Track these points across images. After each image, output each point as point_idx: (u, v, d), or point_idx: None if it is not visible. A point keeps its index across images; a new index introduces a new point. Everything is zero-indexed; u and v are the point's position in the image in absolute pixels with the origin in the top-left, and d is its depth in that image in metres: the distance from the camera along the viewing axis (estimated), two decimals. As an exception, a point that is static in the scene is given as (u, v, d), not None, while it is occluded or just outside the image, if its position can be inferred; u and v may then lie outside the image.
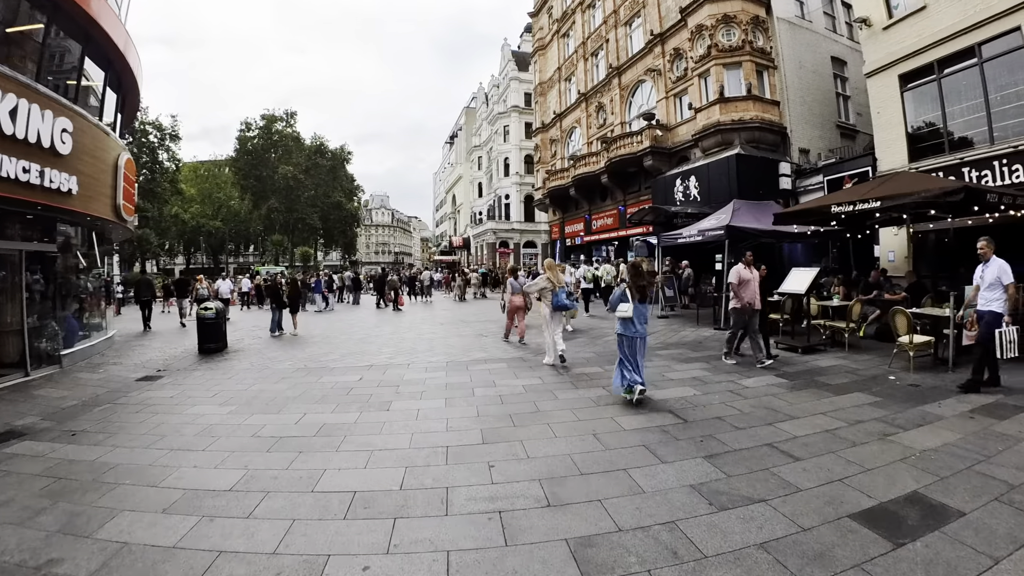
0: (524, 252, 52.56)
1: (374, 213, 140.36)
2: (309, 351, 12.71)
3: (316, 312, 24.57)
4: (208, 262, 75.88)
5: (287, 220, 60.55)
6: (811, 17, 22.71)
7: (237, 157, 59.91)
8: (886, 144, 16.19)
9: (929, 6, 14.91)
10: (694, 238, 14.84)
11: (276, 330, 16.07)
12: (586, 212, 32.71)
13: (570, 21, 34.73)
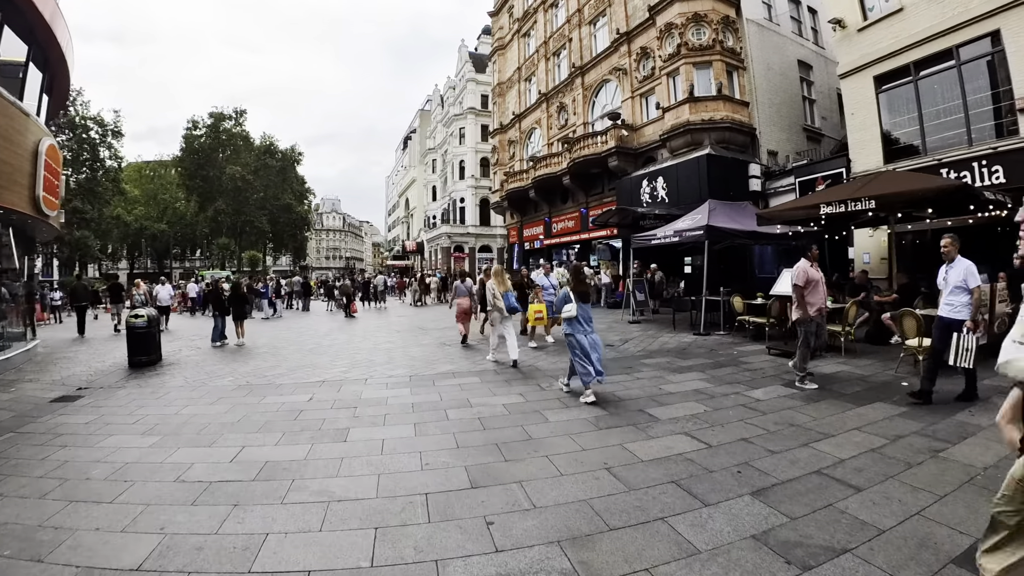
0: (480, 256, 51.30)
1: (325, 217, 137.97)
2: (253, 364, 11.13)
3: (264, 320, 22.85)
4: (153, 266, 72.27)
5: (235, 223, 57.91)
6: (779, 20, 22.42)
7: (183, 157, 56.97)
8: (860, 145, 15.87)
9: (906, 8, 14.65)
10: (669, 239, 13.95)
11: (218, 340, 14.37)
12: (546, 215, 31.72)
13: (531, 20, 33.79)
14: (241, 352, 13.09)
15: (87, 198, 45.97)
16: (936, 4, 13.94)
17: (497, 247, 51.47)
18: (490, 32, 56.35)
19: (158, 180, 66.42)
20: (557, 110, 30.42)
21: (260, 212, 58.27)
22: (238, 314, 14.90)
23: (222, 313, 14.74)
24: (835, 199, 10.78)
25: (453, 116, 52.86)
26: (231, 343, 14.35)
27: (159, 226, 63.46)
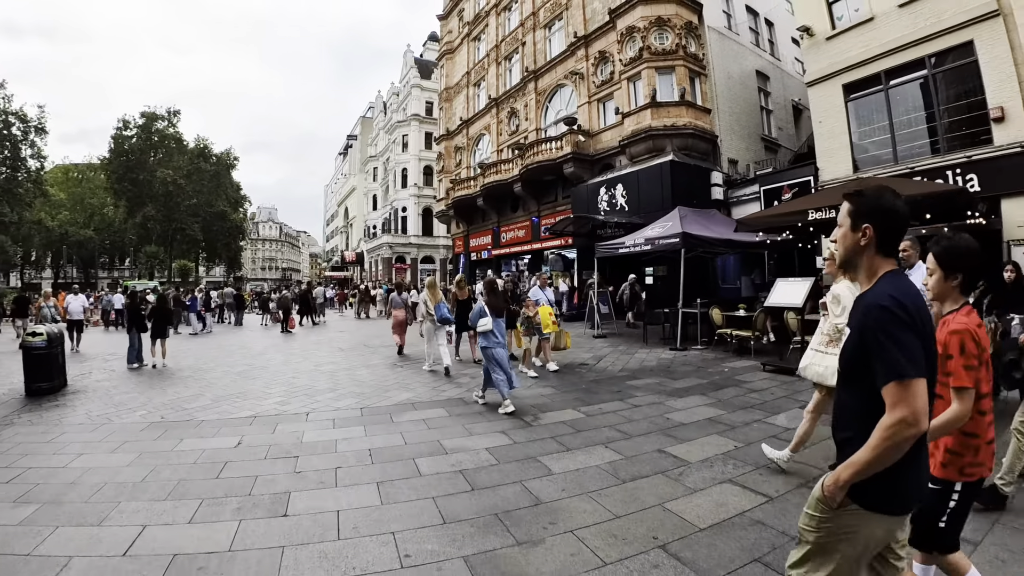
0: (422, 268, 49.72)
1: (261, 227, 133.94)
2: (173, 392, 9.24)
3: (191, 335, 20.42)
4: (79, 276, 66.42)
5: (165, 230, 53.77)
6: (738, 30, 22.18)
7: (112, 159, 52.52)
8: (828, 153, 15.45)
9: (877, 18, 14.36)
10: (640, 248, 12.87)
11: (135, 361, 12.38)
12: (495, 224, 30.42)
13: (483, 24, 32.61)
14: (160, 376, 11.11)
15: (6, 200, 42.29)
16: (908, 15, 13.69)
17: (440, 258, 50.14)
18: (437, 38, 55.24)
19: (86, 183, 61.45)
20: (508, 115, 29.26)
21: (192, 219, 54.27)
22: (157, 331, 12.71)
23: (139, 329, 12.63)
24: (825, 204, 10.10)
25: (396, 123, 51.30)
26: (150, 364, 12.28)
27: (85, 232, 58.31)
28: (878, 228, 1.86)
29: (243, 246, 76.72)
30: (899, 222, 1.89)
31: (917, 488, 1.82)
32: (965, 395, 2.18)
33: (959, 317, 2.31)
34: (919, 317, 1.72)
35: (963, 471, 2.30)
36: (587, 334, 15.33)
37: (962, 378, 2.18)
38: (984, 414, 2.31)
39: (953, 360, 2.21)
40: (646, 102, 18.66)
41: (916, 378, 1.64)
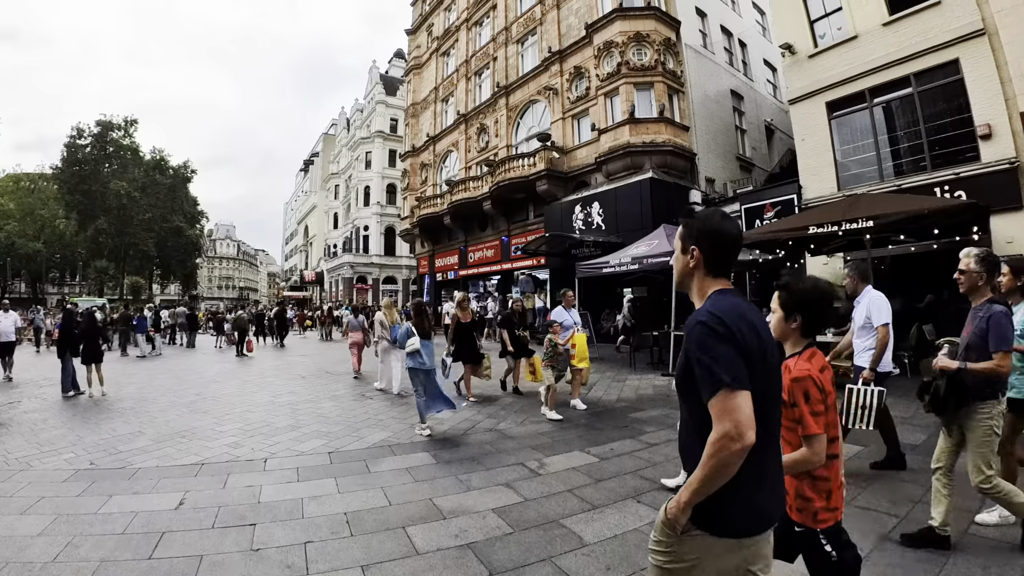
0: (384, 288, 48.59)
1: (219, 244, 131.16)
2: (109, 429, 7.94)
3: (139, 358, 18.88)
4: (28, 291, 63.33)
5: (117, 245, 51.23)
6: (713, 49, 22.15)
7: (64, 168, 50.06)
8: (812, 171, 15.28)
9: (861, 36, 14.33)
10: (626, 267, 12.26)
11: (71, 388, 11.05)
12: (462, 243, 29.61)
13: (453, 39, 32.12)
14: (97, 407, 9.77)
15: None
16: (892, 33, 13.66)
17: (403, 278, 49.20)
18: (403, 56, 55.01)
19: (37, 194, 58.27)
20: (477, 132, 28.64)
21: (147, 234, 51.98)
22: (89, 354, 11.34)
23: (72, 352, 11.26)
24: (828, 220, 9.87)
25: (360, 139, 50.43)
26: (88, 393, 10.91)
27: (34, 245, 55.00)
28: (705, 250, 1.89)
29: (199, 264, 74.62)
30: (725, 243, 1.90)
31: (766, 507, 1.78)
32: (816, 442, 2.14)
33: (800, 363, 2.27)
34: (740, 331, 1.71)
35: (816, 517, 2.24)
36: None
37: (811, 426, 2.14)
38: (835, 457, 2.27)
39: (798, 408, 2.17)
40: (624, 118, 18.26)
41: (738, 389, 1.61)
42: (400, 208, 41.75)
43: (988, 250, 3.70)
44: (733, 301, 1.81)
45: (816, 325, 2.38)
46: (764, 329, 1.82)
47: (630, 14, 18.89)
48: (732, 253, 1.92)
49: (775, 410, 1.82)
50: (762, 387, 1.70)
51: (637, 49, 18.69)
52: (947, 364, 3.60)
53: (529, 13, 25.22)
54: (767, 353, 1.79)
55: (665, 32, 19.11)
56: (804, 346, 2.34)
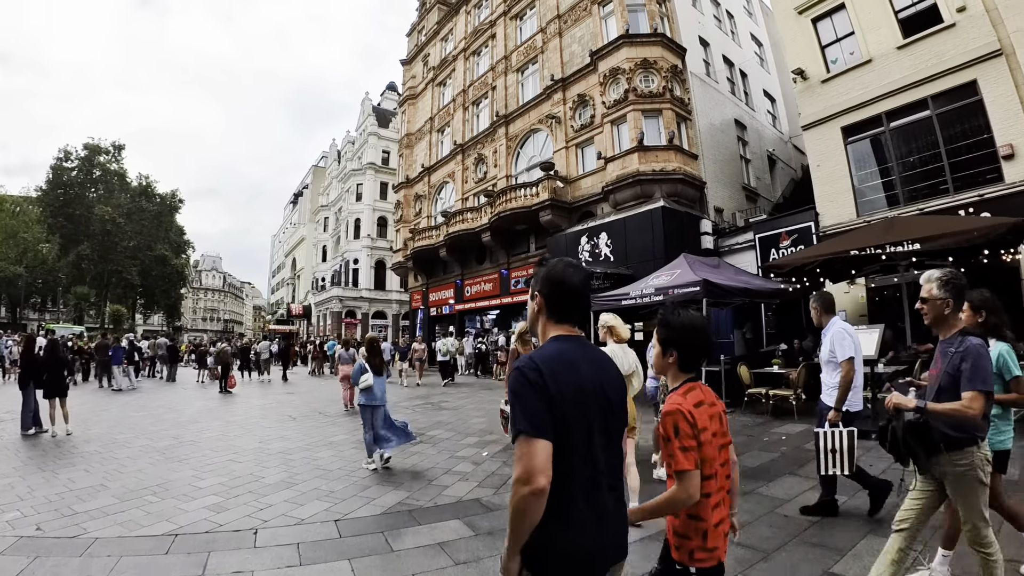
0: (374, 323, 47.96)
1: (204, 275, 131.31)
2: (67, 479, 7.01)
3: (114, 391, 18.21)
4: (7, 316, 62.48)
5: (100, 271, 50.93)
6: (716, 78, 22.25)
7: (48, 190, 50.03)
8: (829, 197, 15.22)
9: (875, 60, 14.43)
10: (648, 299, 11.74)
11: (31, 425, 10.25)
12: (458, 277, 29.23)
13: (449, 68, 32.41)
14: (58, 450, 8.91)
15: None
16: (908, 56, 13.77)
17: (393, 313, 48.77)
18: (396, 88, 55.62)
19: (21, 216, 57.93)
20: (475, 162, 28.62)
21: (131, 262, 51.71)
22: (52, 388, 10.42)
23: (35, 384, 10.42)
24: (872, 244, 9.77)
25: (351, 171, 50.45)
26: (51, 431, 10.09)
27: (14, 269, 54.36)
28: (547, 296, 2.00)
29: (184, 294, 73.99)
30: (566, 291, 1.99)
31: (592, 547, 1.82)
32: (685, 479, 2.13)
33: (674, 397, 2.29)
34: (555, 378, 1.77)
35: (693, 556, 2.22)
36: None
37: (680, 461, 2.14)
38: (709, 496, 2.21)
39: (670, 443, 2.17)
40: (633, 146, 18.20)
41: (534, 437, 1.69)
42: (392, 241, 41.50)
43: (953, 271, 3.20)
44: (562, 347, 1.91)
45: (693, 360, 2.37)
46: (600, 369, 1.95)
47: (636, 41, 19.00)
48: (573, 300, 2.00)
49: (613, 446, 1.92)
50: (590, 426, 1.82)
51: (644, 76, 18.76)
52: (901, 402, 3.11)
53: (530, 42, 25.51)
54: (599, 393, 1.88)
55: (672, 59, 19.25)
56: (683, 381, 2.33)
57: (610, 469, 1.91)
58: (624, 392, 2.07)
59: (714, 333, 9.31)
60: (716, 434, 2.25)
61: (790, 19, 16.45)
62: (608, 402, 1.92)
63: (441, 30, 34.41)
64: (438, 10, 35.52)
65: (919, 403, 3.01)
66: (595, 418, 1.84)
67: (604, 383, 1.93)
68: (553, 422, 1.72)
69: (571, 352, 1.90)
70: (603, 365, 2.01)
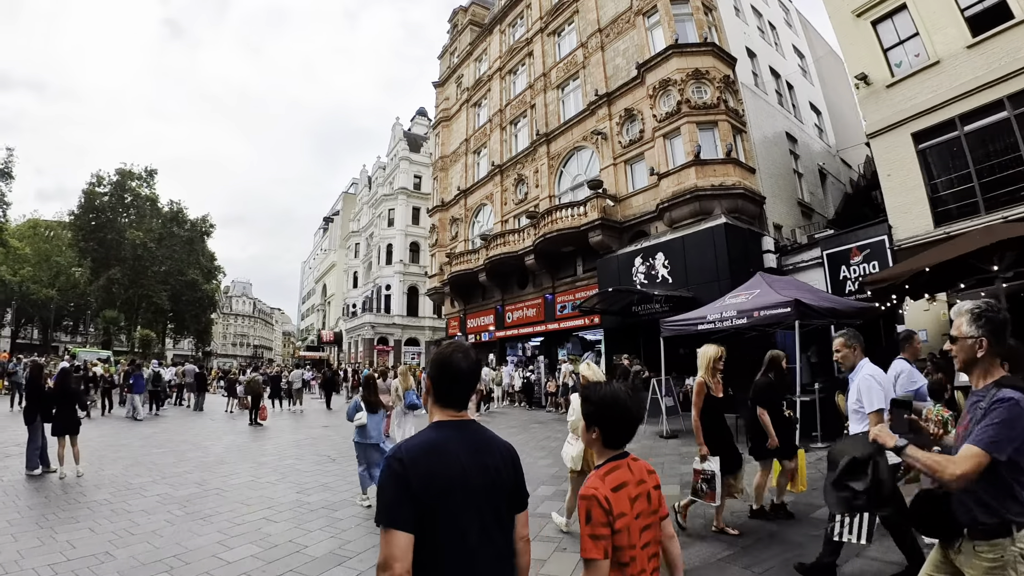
0: (406, 351, 47.79)
1: (234, 301, 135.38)
2: (64, 541, 6.02)
3: (135, 421, 17.81)
4: (39, 338, 64.75)
5: (130, 296, 52.36)
6: (765, 89, 21.87)
7: (80, 215, 51.56)
8: (902, 209, 14.75)
9: (943, 61, 14.06)
10: (730, 322, 11.15)
11: (37, 464, 9.45)
12: (498, 302, 29.02)
13: (484, 89, 32.79)
14: (66, 496, 8.01)
15: None
16: (979, 55, 13.42)
17: (426, 340, 48.78)
18: (426, 113, 56.37)
19: (55, 240, 60.02)
20: (514, 183, 28.59)
21: (161, 287, 53.27)
22: (61, 423, 9.58)
23: (43, 416, 9.58)
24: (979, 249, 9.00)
25: (383, 196, 50.92)
26: (59, 472, 9.23)
27: (47, 292, 55.97)
28: (434, 379, 2.10)
29: (214, 319, 75.28)
30: (449, 376, 2.06)
31: None
32: (593, 567, 2.07)
33: (593, 479, 2.20)
34: (418, 470, 1.86)
35: None
36: (649, 435, 13.35)
37: (587, 548, 2.08)
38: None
39: (582, 528, 2.13)
40: (689, 160, 17.90)
41: (390, 528, 1.80)
42: (427, 266, 41.62)
43: (991, 302, 2.56)
44: (435, 436, 1.99)
45: (616, 436, 2.29)
46: (481, 454, 2.00)
47: (687, 51, 18.87)
48: (457, 386, 2.08)
49: (498, 528, 2.00)
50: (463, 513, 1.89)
51: (696, 87, 18.59)
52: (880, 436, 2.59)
53: (570, 58, 25.65)
54: (479, 478, 1.95)
55: (723, 69, 19.12)
56: (607, 458, 2.27)
57: (495, 552, 1.98)
58: (515, 471, 2.13)
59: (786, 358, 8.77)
60: (641, 515, 2.20)
61: (848, 23, 16.17)
62: (491, 486, 1.99)
63: (474, 51, 34.87)
64: (470, 31, 35.96)
65: (898, 441, 2.49)
66: (470, 505, 1.92)
67: (487, 467, 2.00)
68: (417, 513, 1.82)
69: (445, 441, 1.98)
70: (486, 448, 2.07)
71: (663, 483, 6.67)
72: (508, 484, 2.06)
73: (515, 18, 31.14)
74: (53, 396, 9.82)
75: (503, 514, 2.03)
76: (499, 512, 2.01)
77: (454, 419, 2.05)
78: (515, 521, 2.10)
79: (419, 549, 1.82)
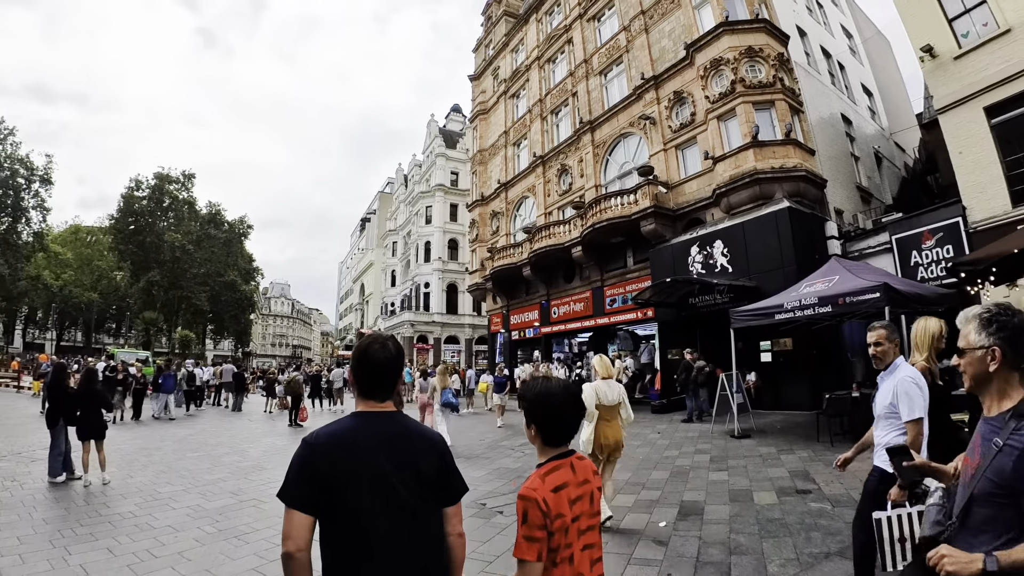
0: (446, 348, 47.91)
1: (273, 302, 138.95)
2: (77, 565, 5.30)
3: (169, 421, 17.90)
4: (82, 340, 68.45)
5: (170, 298, 53.97)
6: (818, 69, 21.35)
7: (119, 219, 53.17)
8: (977, 188, 14.19)
9: (1015, 29, 13.52)
10: (812, 311, 10.66)
11: (60, 471, 8.97)
12: (543, 297, 28.84)
13: (523, 79, 32.75)
14: (88, 506, 7.49)
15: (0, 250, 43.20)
16: None
17: (466, 337, 48.95)
18: (460, 111, 56.55)
19: (96, 245, 62.91)
20: (557, 174, 28.42)
21: (200, 288, 54.80)
22: (86, 427, 9.12)
23: (66, 419, 9.14)
24: None
25: (420, 194, 51.25)
26: (84, 480, 8.74)
27: (89, 295, 58.68)
28: (353, 372, 2.18)
29: (253, 320, 76.94)
30: (365, 367, 2.14)
31: None
32: (526, 567, 2.06)
33: (533, 479, 2.17)
34: (324, 454, 1.97)
35: None
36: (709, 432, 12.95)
37: (520, 549, 2.06)
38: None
39: (518, 528, 2.10)
40: (746, 141, 17.55)
41: (288, 507, 1.92)
42: (466, 263, 41.70)
43: (1007, 305, 2.08)
44: (349, 424, 2.09)
45: (554, 434, 2.26)
46: (395, 446, 2.06)
47: (738, 28, 18.54)
48: (374, 376, 2.14)
49: (400, 516, 2.00)
50: (371, 500, 1.96)
51: (751, 65, 18.26)
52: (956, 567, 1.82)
53: (612, 42, 25.41)
54: (375, 465, 1.99)
55: (777, 47, 18.73)
56: (548, 457, 2.25)
57: (409, 540, 2.01)
58: (440, 464, 2.15)
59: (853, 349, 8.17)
60: (582, 516, 2.19)
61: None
62: (404, 475, 2.03)
63: (510, 41, 34.87)
64: (505, 22, 35.98)
65: (988, 562, 1.75)
66: (378, 491, 1.98)
67: (402, 456, 2.05)
68: (319, 495, 1.91)
69: (356, 428, 2.07)
70: (404, 438, 2.12)
71: (752, 489, 6.34)
72: (429, 475, 2.09)
73: (552, 6, 31.00)
74: (76, 398, 9.35)
75: (421, 504, 2.06)
76: (416, 501, 2.04)
77: (373, 410, 2.12)
78: (445, 515, 2.16)
79: (328, 529, 1.96)
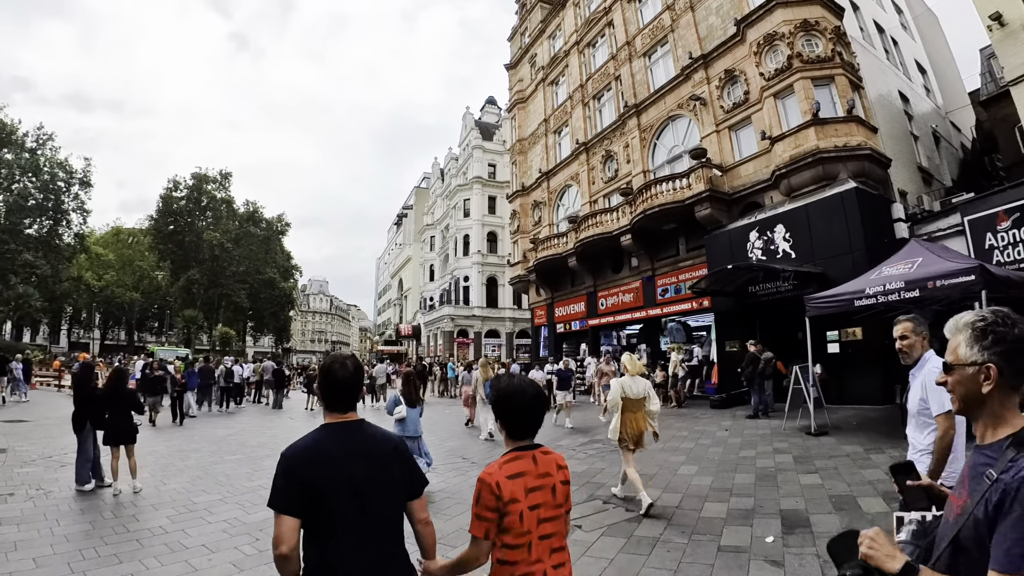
0: (486, 343, 47.76)
1: (312, 299, 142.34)
2: None
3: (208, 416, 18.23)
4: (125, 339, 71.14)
5: (209, 296, 55.46)
6: (873, 44, 20.54)
7: (158, 218, 54.82)
8: None
9: None
10: (898, 295, 9.95)
11: (88, 478, 8.47)
12: (590, 288, 28.39)
13: (562, 65, 32.34)
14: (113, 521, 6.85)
15: (42, 252, 44.15)
16: None
17: (507, 331, 48.88)
18: (495, 102, 56.27)
19: (136, 246, 64.92)
20: (602, 160, 27.96)
21: (239, 286, 56.21)
22: (114, 432, 8.57)
23: (95, 424, 8.65)
24: None
25: (457, 187, 51.22)
26: (113, 488, 8.21)
27: (131, 295, 60.69)
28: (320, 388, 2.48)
29: (292, 317, 78.47)
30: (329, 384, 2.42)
31: None
32: (474, 544, 2.30)
33: (492, 466, 2.38)
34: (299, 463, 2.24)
35: None
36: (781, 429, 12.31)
37: (472, 525, 2.30)
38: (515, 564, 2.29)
39: (472, 507, 2.31)
40: (807, 119, 16.91)
41: (278, 513, 2.17)
42: (507, 255, 41.46)
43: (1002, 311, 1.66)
44: (320, 436, 2.35)
45: (517, 429, 2.46)
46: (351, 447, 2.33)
47: (791, 1, 17.93)
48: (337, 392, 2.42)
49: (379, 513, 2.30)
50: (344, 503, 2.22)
51: (807, 39, 17.63)
52: (877, 558, 1.54)
53: (656, 22, 24.84)
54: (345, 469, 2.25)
55: (833, 20, 18.08)
56: (510, 448, 2.44)
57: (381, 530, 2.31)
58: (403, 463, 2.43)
59: None
60: (542, 506, 2.34)
61: (974, -44, 15.00)
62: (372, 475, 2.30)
63: (547, 28, 34.53)
64: (540, 9, 35.64)
65: (906, 560, 1.53)
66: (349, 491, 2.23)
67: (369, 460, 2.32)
68: (301, 499, 2.17)
69: (325, 439, 2.34)
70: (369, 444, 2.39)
71: (855, 495, 5.93)
72: (394, 474, 2.37)
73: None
74: (104, 399, 8.75)
75: (389, 499, 2.35)
76: (384, 497, 2.32)
77: (339, 420, 2.39)
78: (410, 507, 2.44)
79: (311, 527, 2.20)
